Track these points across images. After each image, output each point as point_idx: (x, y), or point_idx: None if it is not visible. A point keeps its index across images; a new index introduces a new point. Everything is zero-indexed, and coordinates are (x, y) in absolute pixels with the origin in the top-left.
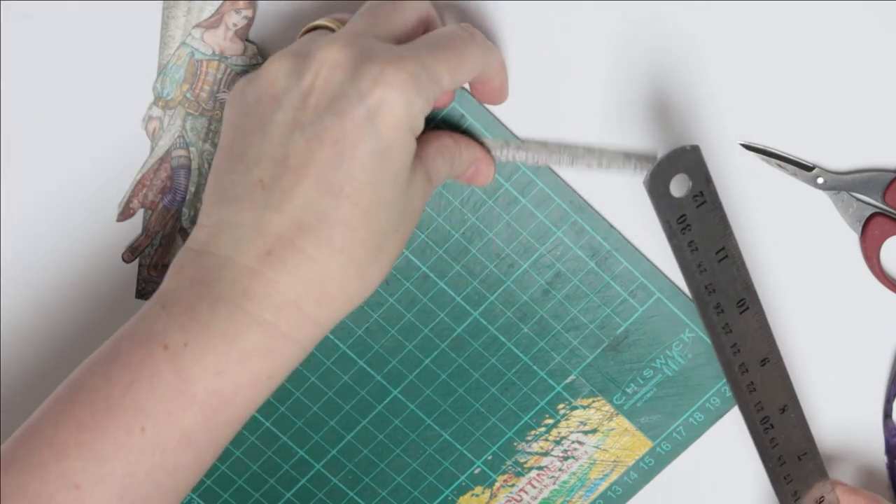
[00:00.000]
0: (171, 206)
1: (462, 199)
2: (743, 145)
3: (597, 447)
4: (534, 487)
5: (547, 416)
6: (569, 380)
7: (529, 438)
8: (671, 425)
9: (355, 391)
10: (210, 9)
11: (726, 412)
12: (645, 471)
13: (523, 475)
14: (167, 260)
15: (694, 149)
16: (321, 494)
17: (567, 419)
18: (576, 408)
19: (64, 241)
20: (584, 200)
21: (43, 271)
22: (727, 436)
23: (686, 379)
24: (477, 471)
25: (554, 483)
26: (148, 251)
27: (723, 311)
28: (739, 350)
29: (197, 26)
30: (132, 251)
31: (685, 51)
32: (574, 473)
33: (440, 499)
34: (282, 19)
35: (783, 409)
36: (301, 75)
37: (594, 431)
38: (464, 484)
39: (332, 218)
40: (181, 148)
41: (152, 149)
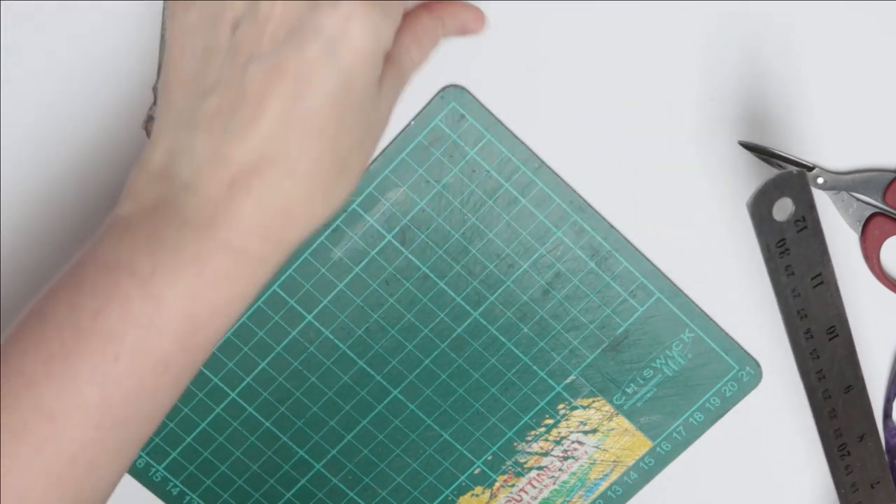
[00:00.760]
0: None
1: (462, 200)
2: (743, 145)
3: (597, 447)
4: (534, 487)
5: (547, 416)
6: (569, 380)
7: (529, 438)
8: (671, 425)
9: (355, 391)
10: None
11: (726, 412)
12: (645, 471)
13: (523, 475)
14: None
15: (801, 174)
16: (321, 494)
17: (567, 419)
18: (576, 408)
19: (64, 242)
20: (584, 200)
21: (43, 271)
22: (727, 436)
23: (686, 379)
24: (477, 471)
25: (554, 483)
26: None
27: (812, 337)
28: (825, 376)
29: None
30: None
31: (685, 51)
32: (574, 473)
33: (440, 499)
34: None
35: (861, 437)
36: None
37: (594, 431)
38: (464, 484)
39: (296, 150)
40: None
41: None
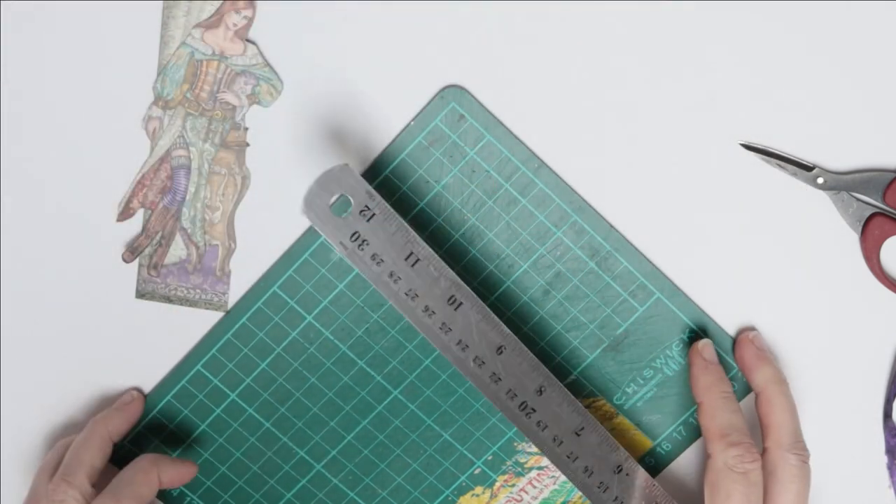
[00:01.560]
0: (171, 206)
1: (462, 200)
2: (743, 145)
3: None
4: (534, 487)
5: None
6: (569, 380)
7: None
8: (671, 425)
9: (355, 392)
10: (210, 9)
11: None
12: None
13: (523, 475)
14: (167, 260)
15: (342, 168)
16: (321, 495)
17: None
18: None
19: (64, 241)
20: (584, 201)
21: (42, 271)
22: None
23: (686, 379)
24: (477, 471)
25: (554, 483)
26: (148, 251)
27: (434, 313)
28: (468, 345)
29: (197, 26)
30: (132, 251)
31: (685, 51)
32: None
33: (440, 499)
34: (282, 19)
35: (540, 391)
36: None
37: None
38: (464, 484)
39: None
40: (181, 148)
41: (152, 149)
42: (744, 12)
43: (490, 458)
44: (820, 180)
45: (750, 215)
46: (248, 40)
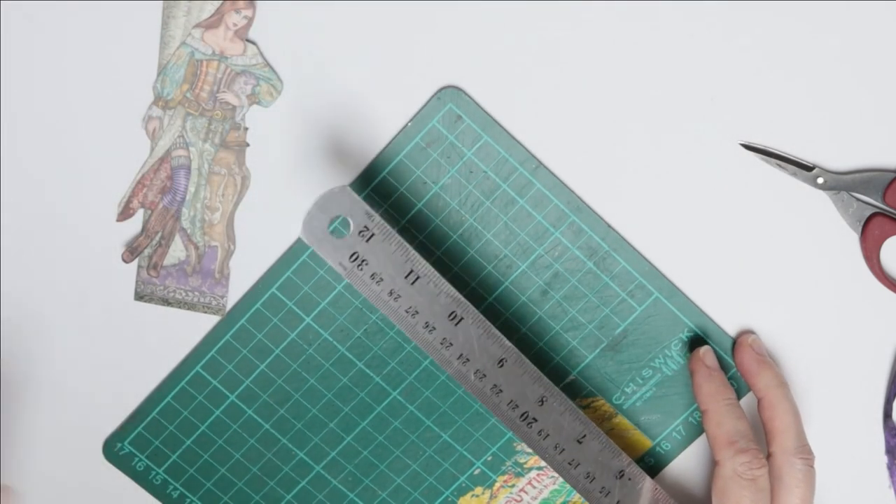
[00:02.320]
0: (171, 206)
1: (460, 201)
2: (743, 145)
3: None
4: (534, 487)
5: None
6: (568, 380)
7: None
8: (671, 425)
9: (355, 393)
10: (210, 9)
11: None
12: (644, 470)
13: (523, 475)
14: (166, 261)
15: (341, 189)
16: (321, 496)
17: None
18: None
19: (63, 241)
20: (582, 201)
21: (42, 271)
22: None
23: (685, 378)
24: (477, 471)
25: (554, 483)
26: (147, 251)
27: (435, 329)
28: (468, 359)
29: (197, 26)
30: (131, 251)
31: (685, 51)
32: None
33: (440, 499)
34: (282, 19)
35: (541, 401)
36: None
37: None
38: (464, 485)
39: None
40: (181, 148)
41: (152, 149)
42: (744, 12)
43: (489, 459)
44: (820, 180)
45: (749, 215)
46: (248, 40)
